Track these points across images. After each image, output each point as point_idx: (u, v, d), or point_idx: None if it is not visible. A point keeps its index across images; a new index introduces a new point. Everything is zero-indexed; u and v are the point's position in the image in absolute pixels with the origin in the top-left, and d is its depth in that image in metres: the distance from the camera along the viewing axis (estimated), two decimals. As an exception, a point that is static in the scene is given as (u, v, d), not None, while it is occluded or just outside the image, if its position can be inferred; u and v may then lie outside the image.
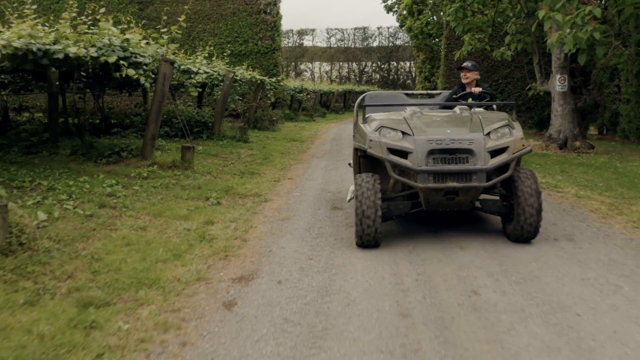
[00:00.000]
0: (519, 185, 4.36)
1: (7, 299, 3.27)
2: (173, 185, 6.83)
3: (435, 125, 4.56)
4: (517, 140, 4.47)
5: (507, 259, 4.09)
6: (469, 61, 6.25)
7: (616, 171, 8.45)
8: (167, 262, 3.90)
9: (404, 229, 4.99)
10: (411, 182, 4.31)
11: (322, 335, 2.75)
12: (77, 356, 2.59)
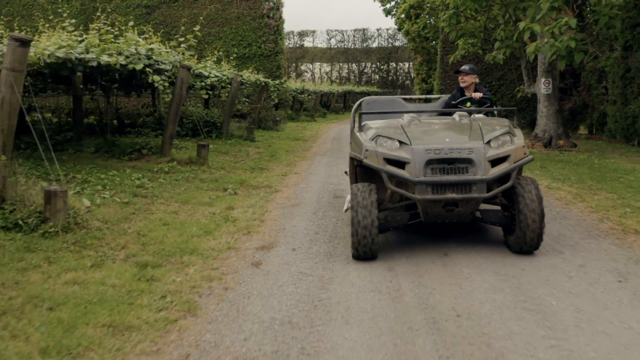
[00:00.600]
0: (521, 196, 4.22)
1: (77, 263, 4.19)
2: (192, 179, 7.76)
3: (433, 134, 4.48)
4: (519, 148, 4.34)
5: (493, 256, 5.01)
6: (467, 64, 6.07)
7: (592, 167, 9.38)
8: (201, 237, 4.83)
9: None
10: (408, 194, 4.15)
11: (329, 281, 3.71)
12: (146, 297, 3.51)
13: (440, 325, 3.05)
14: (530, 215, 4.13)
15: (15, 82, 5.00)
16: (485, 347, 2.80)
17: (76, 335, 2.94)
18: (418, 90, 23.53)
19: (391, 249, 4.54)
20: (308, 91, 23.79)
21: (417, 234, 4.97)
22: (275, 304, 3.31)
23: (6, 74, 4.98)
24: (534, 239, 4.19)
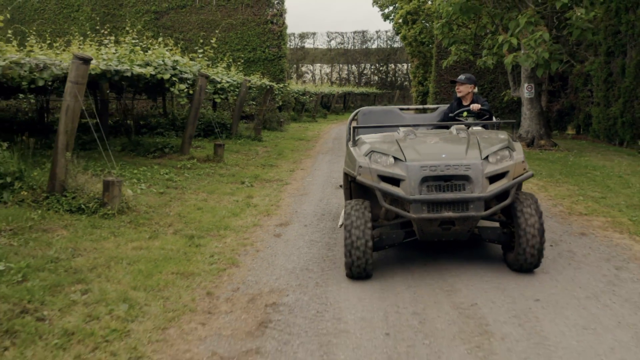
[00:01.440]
0: (520, 212, 4.14)
1: (137, 236, 5.44)
2: (212, 174, 9.02)
3: (429, 149, 4.34)
4: (518, 163, 4.21)
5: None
6: (464, 74, 5.98)
7: (565, 164, 10.64)
8: (230, 218, 6.09)
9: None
10: (403, 213, 4.06)
11: (333, 245, 4.98)
12: (198, 256, 4.75)
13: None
14: (530, 231, 4.04)
15: (78, 93, 6.25)
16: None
17: (154, 279, 4.18)
18: (415, 92, 24.81)
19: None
20: (309, 93, 25.07)
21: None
22: (295, 259, 4.57)
23: (71, 86, 6.23)
24: (534, 255, 4.08)
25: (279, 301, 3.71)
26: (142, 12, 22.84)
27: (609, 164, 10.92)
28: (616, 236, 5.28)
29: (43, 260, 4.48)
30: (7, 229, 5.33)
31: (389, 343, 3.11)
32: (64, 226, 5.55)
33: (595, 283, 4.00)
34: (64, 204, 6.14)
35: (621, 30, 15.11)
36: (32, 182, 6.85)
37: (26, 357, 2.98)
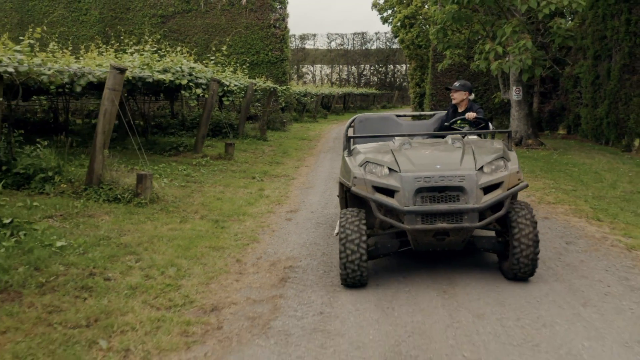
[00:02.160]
0: (514, 222, 4.17)
1: (170, 220, 6.46)
2: (225, 170, 10.05)
3: (423, 160, 4.32)
4: (513, 174, 4.25)
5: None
6: (458, 80, 5.94)
7: (548, 161, 11.67)
8: (247, 206, 7.12)
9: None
10: (398, 224, 4.10)
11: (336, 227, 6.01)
12: (225, 235, 5.78)
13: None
14: (524, 242, 4.09)
15: (114, 98, 7.28)
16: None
17: (192, 251, 5.21)
18: (412, 94, 25.85)
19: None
20: (310, 94, 26.12)
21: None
22: (305, 237, 5.61)
23: (108, 93, 7.26)
24: (528, 264, 4.14)
25: (294, 265, 4.75)
26: (148, 15, 23.86)
27: (589, 161, 11.95)
28: (574, 220, 6.32)
29: (96, 238, 5.50)
30: (58, 214, 6.36)
31: (378, 290, 4.14)
32: (106, 213, 6.57)
33: (546, 252, 5.03)
34: (102, 194, 7.17)
35: (607, 35, 16.14)
36: (69, 176, 7.89)
37: (103, 303, 4.00)
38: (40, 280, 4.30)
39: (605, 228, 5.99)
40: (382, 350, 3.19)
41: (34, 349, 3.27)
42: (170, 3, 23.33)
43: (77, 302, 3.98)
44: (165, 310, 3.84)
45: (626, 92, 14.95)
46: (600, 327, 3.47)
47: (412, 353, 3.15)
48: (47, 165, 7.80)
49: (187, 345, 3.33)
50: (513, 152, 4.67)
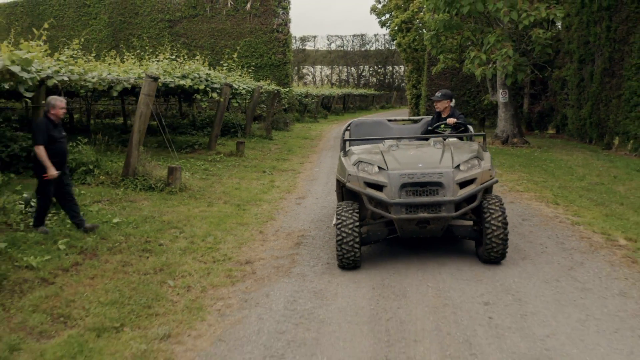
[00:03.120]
0: (487, 211, 4.82)
1: (199, 204, 7.83)
2: (238, 165, 11.41)
3: (408, 159, 4.98)
4: (485, 171, 4.87)
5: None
6: (440, 91, 6.63)
7: (528, 158, 13.04)
8: (262, 194, 8.49)
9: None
10: (386, 214, 4.70)
11: (338, 209, 7.40)
12: (247, 215, 7.15)
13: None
14: (495, 224, 4.76)
15: (149, 102, 8.64)
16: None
17: (222, 226, 6.57)
18: (409, 95, 27.25)
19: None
20: (311, 95, 27.50)
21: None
22: (312, 216, 6.99)
23: (143, 98, 8.62)
24: (499, 244, 4.78)
25: (305, 234, 6.13)
26: (156, 20, 25.21)
27: (567, 158, 13.32)
28: (535, 204, 7.70)
29: (142, 217, 6.87)
30: (104, 200, 7.72)
31: (370, 249, 5.53)
32: (144, 199, 7.94)
33: (505, 226, 6.40)
34: (137, 184, 8.53)
35: (590, 40, 17.52)
36: (106, 169, 9.27)
37: (163, 259, 5.35)
38: (108, 246, 5.66)
39: (559, 210, 7.37)
40: (371, 284, 4.57)
41: (119, 287, 4.63)
42: (177, 8, 24.68)
43: (142, 259, 5.35)
44: (211, 263, 5.21)
45: (606, 95, 16.32)
46: (530, 271, 4.85)
47: (392, 284, 4.53)
48: (88, 159, 9.18)
49: (232, 283, 4.70)
50: (487, 152, 5.42)
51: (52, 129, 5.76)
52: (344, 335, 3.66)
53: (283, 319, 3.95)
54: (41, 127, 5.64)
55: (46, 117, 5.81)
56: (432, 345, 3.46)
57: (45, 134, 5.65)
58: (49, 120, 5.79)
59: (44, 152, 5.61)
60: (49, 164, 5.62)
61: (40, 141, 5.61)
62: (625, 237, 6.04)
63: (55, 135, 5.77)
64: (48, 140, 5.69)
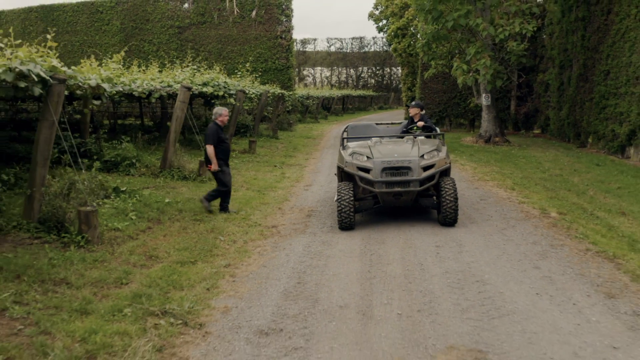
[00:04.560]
0: (443, 188, 6.92)
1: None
2: (252, 161, 13.57)
3: (387, 151, 7.13)
4: (442, 159, 7.07)
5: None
6: (415, 101, 9.03)
7: (505, 155, 15.20)
8: (276, 183, 10.66)
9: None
10: (371, 189, 6.90)
11: (338, 192, 9.60)
12: (266, 197, 9.31)
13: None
14: (448, 198, 6.86)
15: (183, 108, 10.79)
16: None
17: (249, 205, 8.72)
18: (405, 97, 29.44)
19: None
20: (312, 97, 29.68)
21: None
22: (318, 197, 9.16)
23: (179, 104, 10.76)
24: (452, 212, 6.92)
25: (314, 209, 8.30)
26: (166, 26, 27.34)
27: (540, 154, 15.50)
28: (495, 189, 9.87)
29: (185, 199, 9.00)
30: (151, 187, 9.85)
31: (362, 215, 7.70)
32: (181, 186, 10.09)
33: (465, 204, 8.56)
34: (174, 175, 10.68)
35: (568, 48, 19.71)
36: (145, 162, 11.41)
37: (211, 225, 7.49)
38: (167, 217, 7.82)
39: (513, 193, 9.54)
40: (361, 236, 6.77)
41: (185, 240, 6.77)
42: (186, 15, 26.83)
43: (196, 224, 7.50)
44: (247, 227, 7.38)
45: (581, 97, 18.49)
46: (474, 230, 7.02)
47: (375, 236, 6.72)
48: (130, 154, 11.32)
49: (264, 237, 6.87)
50: (444, 146, 7.71)
51: (220, 132, 7.90)
52: (343, 262, 5.84)
53: (302, 255, 6.13)
54: (212, 131, 7.81)
55: (215, 123, 7.94)
56: (397, 266, 5.63)
57: (216, 136, 7.79)
58: (218, 125, 7.94)
59: (212, 150, 7.79)
60: (214, 160, 7.80)
61: (210, 141, 7.77)
62: (558, 212, 8.20)
63: (222, 137, 7.95)
64: (217, 141, 7.79)
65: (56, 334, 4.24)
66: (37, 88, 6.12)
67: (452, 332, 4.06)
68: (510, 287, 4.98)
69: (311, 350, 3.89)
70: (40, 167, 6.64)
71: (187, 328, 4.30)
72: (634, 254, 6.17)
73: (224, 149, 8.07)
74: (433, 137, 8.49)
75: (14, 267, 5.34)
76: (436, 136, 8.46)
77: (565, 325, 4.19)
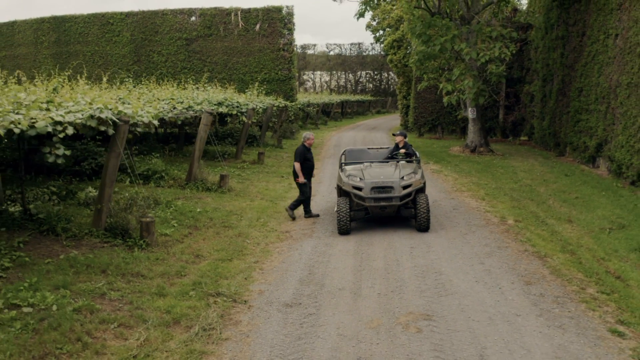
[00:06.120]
0: (418, 202, 9.24)
1: (244, 200, 12.26)
2: (261, 171, 15.83)
3: (375, 174, 9.49)
4: (418, 180, 9.43)
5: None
6: (399, 131, 11.97)
7: (487, 165, 17.47)
8: (284, 193, 12.92)
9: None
10: (363, 203, 9.26)
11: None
12: (278, 206, 11.57)
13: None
14: (422, 210, 9.22)
15: (206, 130, 13.02)
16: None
17: (265, 213, 10.97)
18: (400, 105, 31.72)
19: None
20: (313, 104, 31.92)
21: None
22: (322, 207, 11.41)
23: (203, 127, 13.00)
24: (425, 222, 9.24)
25: (318, 217, 10.57)
26: (175, 38, 29.49)
27: (519, 164, 17.78)
28: (468, 200, 12.13)
29: (212, 208, 11.26)
30: (181, 198, 12.11)
31: (356, 223, 9.98)
32: (206, 197, 12.34)
33: (439, 212, 10.83)
34: (199, 187, 12.93)
35: (550, 63, 21.95)
36: (173, 176, 13.67)
37: (237, 230, 9.74)
38: (202, 224, 10.07)
39: (482, 203, 11.80)
40: (355, 239, 9.05)
41: (220, 243, 9.02)
42: (193, 28, 29.02)
43: (226, 230, 9.76)
44: (266, 232, 9.64)
45: (560, 110, 20.74)
46: (442, 235, 9.28)
47: (366, 240, 9.00)
48: (159, 168, 13.58)
49: (281, 240, 9.14)
50: (421, 169, 10.07)
51: (306, 152, 10.52)
52: (341, 259, 8.11)
53: (311, 254, 8.40)
54: (300, 151, 10.47)
55: (303, 145, 10.60)
56: (381, 262, 7.90)
57: (302, 155, 10.40)
58: (305, 147, 10.57)
59: (299, 166, 10.36)
60: (300, 174, 10.34)
61: (298, 159, 10.39)
62: (514, 219, 10.48)
63: (308, 157, 10.56)
64: (303, 159, 10.37)
65: (146, 308, 6.47)
66: (110, 129, 8.34)
67: (412, 304, 6.34)
68: (458, 277, 7.26)
69: (320, 315, 6.16)
70: (108, 187, 8.88)
71: (236, 303, 6.56)
72: (562, 254, 8.45)
73: (308, 166, 10.66)
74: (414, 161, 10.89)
75: (98, 264, 7.55)
76: (416, 161, 10.77)
77: (489, 301, 6.46)
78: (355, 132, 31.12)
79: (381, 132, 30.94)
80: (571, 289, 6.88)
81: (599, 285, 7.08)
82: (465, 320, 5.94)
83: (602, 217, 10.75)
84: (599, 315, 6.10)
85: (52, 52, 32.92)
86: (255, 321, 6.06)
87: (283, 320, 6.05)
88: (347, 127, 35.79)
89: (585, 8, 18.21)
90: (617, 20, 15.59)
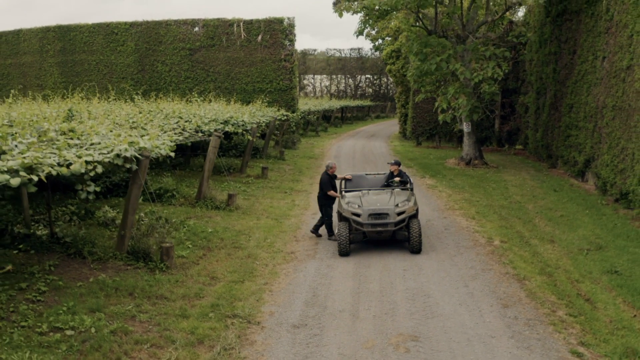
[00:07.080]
0: (411, 227, 10.26)
1: (251, 219, 13.33)
2: (265, 187, 16.91)
3: (372, 201, 10.62)
4: (411, 207, 10.49)
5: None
6: (394, 159, 12.70)
7: (480, 179, 18.55)
8: (288, 210, 14.01)
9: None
10: (361, 228, 10.34)
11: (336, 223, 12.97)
12: (283, 225, 12.65)
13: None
14: (414, 234, 10.26)
15: (214, 151, 14.09)
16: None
17: (271, 233, 12.04)
18: (399, 113, 32.80)
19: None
20: (313, 112, 33.00)
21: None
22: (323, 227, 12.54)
23: (211, 149, 14.07)
24: (417, 245, 10.29)
25: (320, 238, 11.66)
26: (178, 48, 30.50)
27: (511, 178, 18.87)
28: (459, 218, 13.22)
29: (222, 228, 12.33)
30: (192, 217, 13.18)
31: (355, 246, 11.08)
32: (215, 215, 13.41)
33: (432, 232, 11.92)
34: (208, 205, 14.00)
35: (543, 77, 22.99)
36: (183, 193, 14.75)
37: (247, 252, 10.82)
38: (214, 245, 11.15)
39: (472, 222, 12.89)
40: (354, 261, 10.15)
41: (232, 264, 10.11)
42: (197, 38, 30.04)
43: (237, 251, 10.84)
44: (273, 253, 10.73)
45: (552, 124, 21.79)
46: (432, 257, 10.37)
47: (364, 262, 10.11)
48: (171, 187, 14.66)
49: (287, 262, 10.23)
50: (414, 196, 11.14)
51: (331, 180, 11.64)
52: (341, 281, 9.20)
53: (314, 275, 9.50)
54: (325, 180, 11.55)
55: (326, 173, 11.69)
56: (376, 284, 9.00)
57: (329, 183, 11.51)
58: (328, 175, 11.65)
59: (333, 192, 11.54)
60: (337, 194, 11.54)
61: (328, 188, 11.47)
62: (500, 240, 11.57)
63: (332, 183, 11.63)
64: (330, 187, 11.45)
65: (172, 329, 7.54)
66: (134, 165, 9.39)
67: (402, 326, 7.44)
68: (444, 299, 8.36)
69: (323, 335, 7.26)
70: (131, 215, 9.95)
71: (251, 324, 7.65)
72: (540, 276, 9.54)
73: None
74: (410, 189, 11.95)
75: (125, 287, 8.59)
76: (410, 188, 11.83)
77: (469, 323, 7.56)
78: (355, 141, 32.22)
79: (380, 141, 32.03)
80: (543, 311, 7.98)
81: (569, 308, 8.17)
82: (447, 341, 7.03)
83: (582, 238, 11.84)
84: (563, 337, 7.19)
85: (58, 61, 33.93)
86: (268, 341, 7.15)
87: (292, 341, 7.15)
88: (347, 134, 36.90)
89: (577, 27, 19.21)
90: (604, 43, 16.60)
